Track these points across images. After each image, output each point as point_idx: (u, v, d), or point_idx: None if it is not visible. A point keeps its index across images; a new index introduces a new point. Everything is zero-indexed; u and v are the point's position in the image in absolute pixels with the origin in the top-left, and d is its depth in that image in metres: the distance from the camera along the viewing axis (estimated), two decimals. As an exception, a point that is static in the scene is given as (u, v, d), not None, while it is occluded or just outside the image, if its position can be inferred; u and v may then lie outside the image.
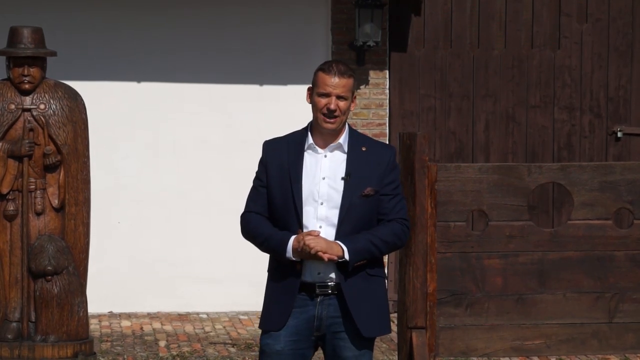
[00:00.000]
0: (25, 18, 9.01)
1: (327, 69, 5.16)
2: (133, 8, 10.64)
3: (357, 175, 5.11)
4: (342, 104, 5.11)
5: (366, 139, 5.32)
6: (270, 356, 5.15)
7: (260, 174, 5.26)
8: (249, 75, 10.75)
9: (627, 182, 7.01)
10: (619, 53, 11.16)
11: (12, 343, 7.46)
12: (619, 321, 7.01)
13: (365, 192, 5.10)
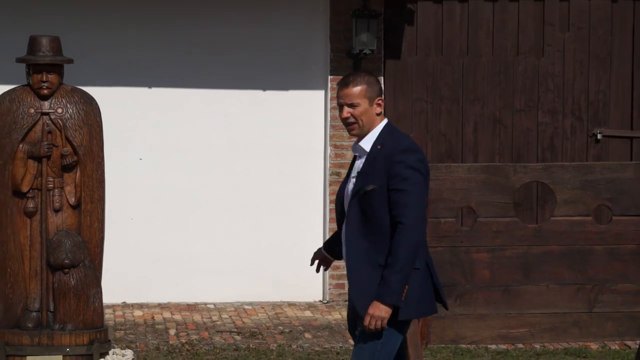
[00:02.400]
0: (44, 28, 9.01)
1: (339, 82, 5.26)
2: (144, 21, 10.64)
3: (366, 173, 5.16)
4: (355, 110, 5.14)
5: (389, 136, 5.23)
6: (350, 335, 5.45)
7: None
8: (253, 81, 10.75)
9: (606, 181, 7.02)
10: (598, 60, 11.16)
11: (32, 331, 7.46)
12: (599, 311, 7.02)
13: (368, 188, 5.11)
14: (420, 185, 5.12)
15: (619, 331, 7.11)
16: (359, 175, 5.17)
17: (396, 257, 5.05)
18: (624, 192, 7.03)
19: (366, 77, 5.22)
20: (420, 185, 5.12)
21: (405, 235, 5.07)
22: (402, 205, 5.08)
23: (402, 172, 5.10)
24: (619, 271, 7.02)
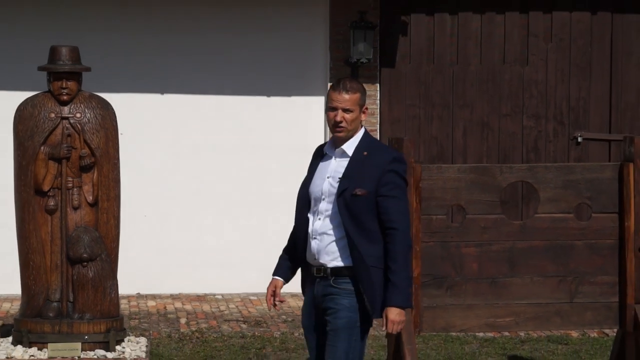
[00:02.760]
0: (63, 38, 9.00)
1: (335, 86, 5.19)
2: (157, 32, 10.64)
3: (352, 177, 5.09)
4: (348, 116, 5.12)
5: (373, 144, 5.25)
6: (304, 329, 5.32)
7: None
8: (259, 88, 10.76)
9: (586, 180, 7.02)
10: (579, 69, 11.17)
11: (53, 320, 7.47)
12: (579, 301, 7.02)
13: (355, 192, 5.07)
14: (406, 193, 5.26)
15: (597, 320, 7.10)
16: (344, 177, 5.10)
17: (400, 263, 5.07)
18: (603, 191, 7.03)
19: (360, 85, 5.23)
20: (406, 194, 5.26)
21: (402, 240, 5.10)
22: (395, 212, 5.10)
23: (395, 180, 5.12)
24: (598, 264, 7.02)
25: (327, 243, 5.11)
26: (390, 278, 5.05)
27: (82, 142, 7.54)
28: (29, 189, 7.51)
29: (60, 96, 7.54)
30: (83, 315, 7.49)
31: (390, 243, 5.08)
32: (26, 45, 10.27)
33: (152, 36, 10.65)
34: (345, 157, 5.16)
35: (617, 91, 11.21)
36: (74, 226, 7.55)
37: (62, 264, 7.53)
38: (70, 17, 10.48)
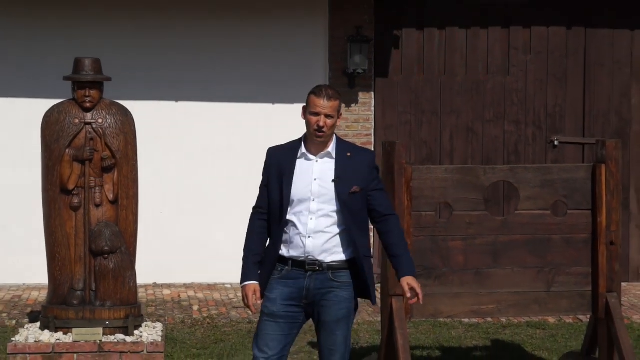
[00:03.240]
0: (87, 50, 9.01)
1: (318, 92, 5.10)
2: (172, 47, 10.66)
3: (344, 177, 5.06)
4: (330, 121, 5.05)
5: (350, 146, 5.25)
6: (267, 316, 5.11)
7: (264, 175, 5.24)
8: (264, 96, 10.76)
9: (562, 180, 7.02)
10: (555, 78, 11.17)
11: (77, 307, 7.46)
12: (555, 290, 7.02)
13: (352, 190, 5.06)
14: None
15: (572, 307, 7.10)
16: (338, 178, 5.04)
17: (403, 240, 5.21)
18: (577, 189, 7.03)
19: (338, 94, 5.17)
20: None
21: (399, 223, 5.24)
22: (387, 201, 5.23)
23: (378, 175, 5.20)
24: (572, 257, 7.02)
25: (324, 241, 5.06)
26: (401, 253, 5.16)
27: (104, 145, 7.54)
28: (55, 187, 7.51)
29: (84, 103, 7.53)
30: (104, 302, 7.48)
31: (392, 225, 5.18)
32: (51, 56, 10.27)
33: (168, 49, 10.66)
34: (328, 159, 5.10)
35: (590, 99, 11.20)
36: (96, 222, 7.55)
37: (85, 256, 7.53)
38: (93, 31, 10.49)
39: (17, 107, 10.47)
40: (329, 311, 5.09)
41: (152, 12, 10.66)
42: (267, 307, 5.10)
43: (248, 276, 5.14)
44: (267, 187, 5.15)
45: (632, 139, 11.21)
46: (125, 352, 7.26)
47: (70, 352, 7.22)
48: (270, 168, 5.17)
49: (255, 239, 5.20)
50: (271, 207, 5.13)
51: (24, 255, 10.22)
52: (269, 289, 5.12)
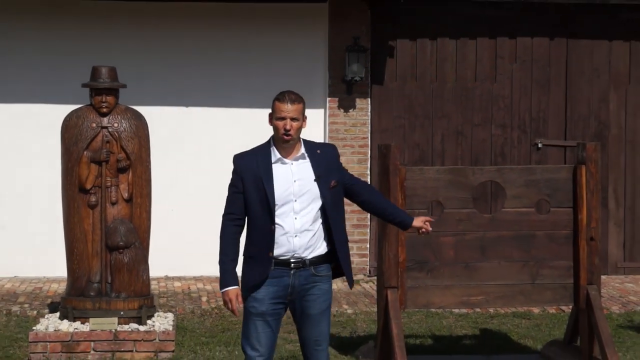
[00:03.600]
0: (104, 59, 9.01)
1: (281, 98, 5.02)
2: (183, 55, 10.67)
3: (323, 174, 4.98)
4: (295, 124, 4.95)
5: (316, 144, 5.13)
6: (255, 316, 4.94)
7: (235, 182, 5.02)
8: (267, 102, 10.67)
9: (545, 180, 7.02)
10: (539, 85, 11.16)
11: (94, 298, 7.47)
12: (539, 282, 7.02)
13: (331, 185, 5.00)
14: None
15: (555, 298, 7.10)
16: (318, 176, 4.95)
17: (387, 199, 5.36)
18: (559, 189, 7.02)
19: (301, 97, 5.06)
20: None
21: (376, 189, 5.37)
22: (358, 178, 5.28)
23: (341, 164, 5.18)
24: (555, 251, 7.01)
25: (309, 238, 4.94)
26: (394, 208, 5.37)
27: (119, 147, 7.54)
28: (74, 187, 7.52)
29: (101, 109, 7.54)
30: (119, 294, 7.49)
31: (376, 193, 5.31)
32: (70, 65, 10.27)
33: (179, 59, 10.67)
34: (303, 160, 4.99)
35: (572, 104, 11.20)
36: (112, 219, 7.55)
37: (101, 250, 7.53)
38: (109, 41, 10.49)
39: (39, 112, 10.47)
40: (314, 304, 5.00)
41: (164, 24, 10.66)
42: (255, 308, 4.93)
43: (229, 281, 4.93)
44: (244, 193, 4.96)
45: (610, 141, 11.20)
46: (138, 340, 7.27)
47: (87, 340, 7.23)
48: (244, 174, 5.00)
49: (231, 244, 5.00)
50: (252, 212, 4.95)
51: (44, 249, 10.22)
52: (247, 288, 4.95)
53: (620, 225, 11.22)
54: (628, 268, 11.22)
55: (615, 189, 11.23)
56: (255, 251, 4.97)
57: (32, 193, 10.44)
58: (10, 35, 10.48)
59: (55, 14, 10.50)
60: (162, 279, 10.48)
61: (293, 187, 4.94)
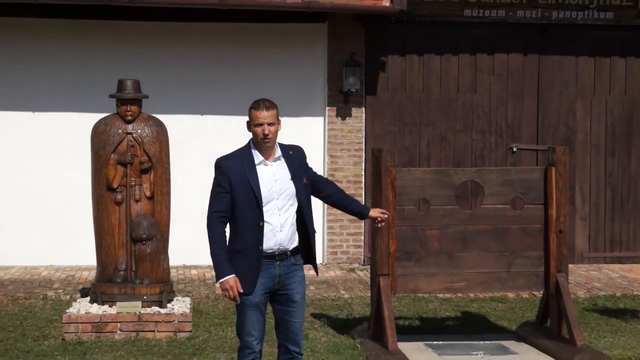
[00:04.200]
0: (128, 71, 9.02)
1: (257, 106, 4.93)
2: (199, 69, 10.67)
3: (297, 173, 4.95)
4: (272, 128, 4.91)
5: (287, 146, 5.07)
6: (251, 307, 4.85)
7: (222, 183, 4.89)
8: (274, 111, 10.74)
9: (520, 180, 7.03)
10: (514, 96, 11.17)
11: (120, 284, 7.47)
12: (514, 270, 7.03)
13: (304, 183, 4.97)
14: None
15: (528, 285, 7.11)
16: (294, 176, 4.91)
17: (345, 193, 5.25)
18: (532, 188, 7.03)
19: (274, 104, 5.00)
20: None
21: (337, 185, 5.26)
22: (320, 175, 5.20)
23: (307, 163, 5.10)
24: (528, 243, 7.02)
25: (291, 232, 4.91)
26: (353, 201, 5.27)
27: (142, 151, 7.55)
28: (102, 186, 7.52)
29: (126, 117, 7.54)
30: (142, 281, 7.49)
31: (337, 188, 5.20)
32: (98, 77, 10.28)
33: (195, 72, 10.67)
34: (279, 162, 4.95)
35: (543, 112, 11.20)
36: (136, 214, 7.55)
37: (127, 242, 7.53)
38: (134, 56, 10.49)
39: (71, 119, 10.47)
40: (297, 290, 4.94)
41: (182, 42, 10.66)
42: (249, 300, 4.82)
43: (225, 271, 4.79)
44: (231, 193, 4.84)
45: (577, 146, 11.20)
46: (159, 321, 7.28)
47: (114, 321, 7.24)
48: (231, 175, 4.87)
49: (221, 239, 4.87)
50: (239, 211, 4.83)
51: (76, 241, 10.22)
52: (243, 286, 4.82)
53: (586, 219, 11.22)
54: (592, 258, 11.22)
55: (581, 188, 11.24)
56: (242, 247, 4.85)
57: (65, 191, 10.44)
58: (45, 52, 10.48)
59: (86, 33, 10.50)
60: (180, 267, 10.48)
61: (275, 186, 4.88)
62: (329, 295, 9.10)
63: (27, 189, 10.49)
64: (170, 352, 6.80)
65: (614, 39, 11.15)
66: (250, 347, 4.90)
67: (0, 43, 10.43)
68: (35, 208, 10.48)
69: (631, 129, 11.29)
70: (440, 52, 11.03)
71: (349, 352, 6.79)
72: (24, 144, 10.49)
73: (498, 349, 7.03)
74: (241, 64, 10.72)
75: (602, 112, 11.27)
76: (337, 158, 10.78)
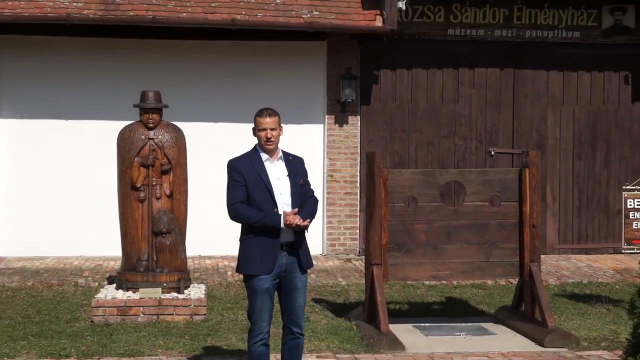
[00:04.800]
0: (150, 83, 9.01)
1: (261, 114, 4.97)
2: (212, 80, 10.67)
3: (294, 173, 4.97)
4: (274, 132, 4.96)
5: (288, 153, 5.11)
6: (262, 293, 4.84)
7: (237, 178, 4.88)
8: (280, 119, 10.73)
9: (497, 180, 7.02)
10: (492, 106, 11.16)
11: (142, 273, 7.47)
12: (492, 260, 7.02)
13: (300, 184, 4.97)
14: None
15: (505, 273, 7.11)
16: (291, 174, 4.92)
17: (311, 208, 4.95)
18: (508, 187, 7.02)
19: (275, 111, 5.02)
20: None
21: (316, 201, 5.05)
22: (312, 192, 5.07)
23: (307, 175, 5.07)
24: (505, 236, 7.01)
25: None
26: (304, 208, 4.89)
27: (163, 154, 7.54)
28: (127, 185, 7.51)
29: (148, 124, 7.54)
30: (162, 269, 7.49)
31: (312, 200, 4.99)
32: (124, 89, 10.26)
33: (209, 84, 10.67)
34: (281, 161, 4.97)
35: (518, 120, 11.20)
36: (157, 210, 7.55)
37: (148, 235, 7.53)
38: (155, 70, 10.48)
39: (99, 126, 10.46)
40: (299, 278, 4.93)
41: (197, 58, 10.65)
42: (260, 286, 4.82)
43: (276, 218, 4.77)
44: (246, 186, 4.83)
45: (548, 150, 11.20)
46: (178, 305, 7.27)
47: (137, 305, 7.23)
48: (244, 171, 4.87)
49: (251, 209, 4.83)
50: (254, 200, 4.83)
51: (104, 234, 10.21)
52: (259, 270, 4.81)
53: (556, 215, 11.21)
54: (562, 249, 11.21)
55: (552, 187, 11.23)
56: (258, 233, 4.84)
57: (93, 190, 10.44)
58: (76, 66, 10.48)
59: (113, 50, 10.49)
60: (196, 257, 10.47)
61: (278, 182, 4.92)
62: (328, 282, 9.09)
63: (60, 188, 10.49)
64: (187, 333, 6.79)
65: (581, 56, 11.14)
66: (260, 328, 4.89)
67: (37, 59, 10.43)
68: (67, 205, 10.47)
69: (596, 136, 11.28)
70: (427, 66, 11.02)
71: (346, 333, 6.78)
72: (58, 147, 10.49)
73: (478, 330, 7.02)
74: (250, 77, 10.71)
75: (570, 120, 11.26)
76: (335, 160, 10.77)
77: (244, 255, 4.91)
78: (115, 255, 9.98)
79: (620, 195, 11.01)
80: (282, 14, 10.10)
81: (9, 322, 7.14)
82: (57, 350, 6.18)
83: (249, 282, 4.88)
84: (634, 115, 11.31)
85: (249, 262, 4.87)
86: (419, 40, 10.88)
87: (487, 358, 6.11)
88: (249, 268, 4.87)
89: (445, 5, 10.84)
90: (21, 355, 6.07)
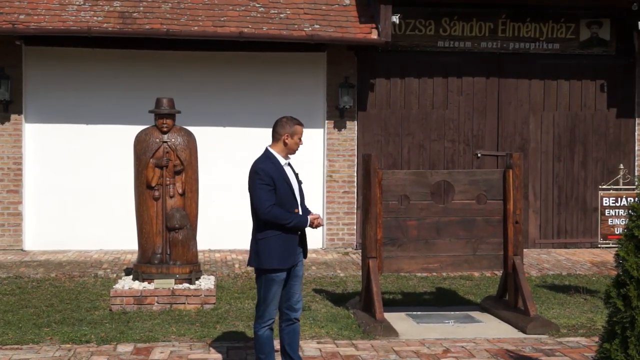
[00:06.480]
0: (164, 92, 9.01)
1: (299, 123, 4.99)
2: (221, 87, 10.65)
3: (298, 177, 5.01)
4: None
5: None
6: (278, 283, 4.83)
7: (267, 181, 4.77)
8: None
9: (483, 180, 7.01)
10: (478, 112, 11.14)
11: (157, 265, 7.45)
12: (479, 254, 7.00)
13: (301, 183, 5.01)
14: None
15: (490, 266, 7.09)
16: (297, 177, 4.97)
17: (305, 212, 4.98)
18: (493, 186, 7.01)
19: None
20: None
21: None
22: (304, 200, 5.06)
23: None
24: (490, 231, 7.00)
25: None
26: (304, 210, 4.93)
27: (175, 156, 7.53)
28: (143, 185, 7.50)
29: (162, 128, 7.53)
30: (175, 262, 7.47)
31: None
32: (139, 95, 10.26)
33: (218, 92, 10.65)
34: (289, 166, 4.99)
35: (502, 125, 11.18)
36: (170, 208, 7.53)
37: (162, 230, 7.51)
38: (168, 79, 10.47)
39: (117, 130, 10.46)
40: (300, 266, 4.97)
41: (207, 68, 10.64)
42: (279, 277, 4.82)
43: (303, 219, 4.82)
44: (275, 188, 4.78)
45: (530, 152, 11.18)
46: (189, 295, 7.26)
47: (152, 295, 7.22)
48: (273, 174, 4.82)
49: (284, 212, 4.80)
50: (283, 202, 4.80)
51: (121, 230, 10.21)
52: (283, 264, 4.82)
53: (537, 212, 11.20)
54: (542, 244, 11.20)
55: (533, 186, 11.22)
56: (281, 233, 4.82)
57: (112, 188, 10.43)
58: (96, 75, 10.48)
59: (130, 60, 10.49)
60: (206, 251, 10.45)
61: (294, 183, 4.94)
62: (327, 274, 9.08)
63: (82, 187, 10.48)
64: (198, 321, 6.78)
65: (560, 66, 11.14)
66: (272, 314, 4.92)
67: (60, 69, 10.43)
68: (87, 202, 10.46)
69: (574, 139, 11.27)
70: (418, 75, 11.01)
71: (344, 321, 6.77)
72: (79, 149, 10.48)
73: (466, 318, 7.01)
74: (256, 85, 10.70)
75: (550, 125, 11.25)
76: (334, 162, 10.76)
77: (267, 251, 4.83)
78: (132, 249, 9.97)
79: (596, 194, 11.01)
80: (285, 27, 10.09)
81: (33, 310, 7.14)
82: (78, 336, 6.17)
83: (268, 274, 4.85)
84: (609, 120, 11.30)
85: (273, 258, 4.81)
86: (411, 51, 10.88)
87: (474, 344, 6.10)
88: (273, 263, 4.82)
89: (435, 19, 10.84)
90: (45, 341, 6.07)
